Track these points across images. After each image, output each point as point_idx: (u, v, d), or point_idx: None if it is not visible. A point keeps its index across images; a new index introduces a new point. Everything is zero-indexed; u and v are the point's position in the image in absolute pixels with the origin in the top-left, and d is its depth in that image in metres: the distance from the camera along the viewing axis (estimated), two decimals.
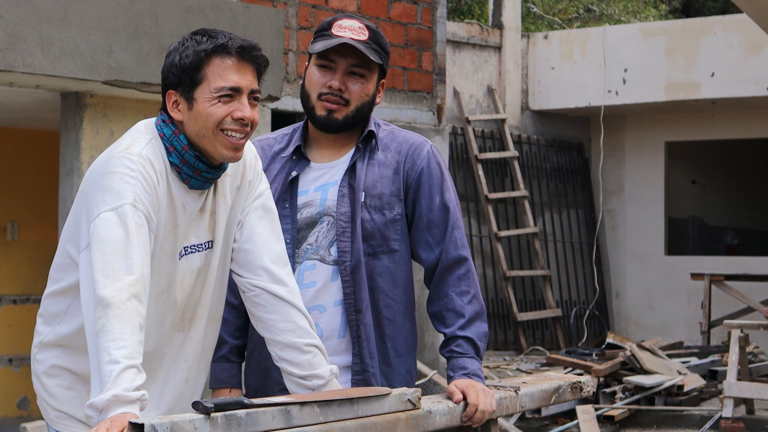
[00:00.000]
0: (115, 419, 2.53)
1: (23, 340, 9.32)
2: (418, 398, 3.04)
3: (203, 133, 2.90)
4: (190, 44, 2.92)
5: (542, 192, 14.02)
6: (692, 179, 15.85)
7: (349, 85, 3.36)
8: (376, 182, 3.38)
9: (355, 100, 3.36)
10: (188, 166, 2.93)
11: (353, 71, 3.36)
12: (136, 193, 2.79)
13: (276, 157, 3.45)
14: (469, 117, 13.11)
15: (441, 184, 3.42)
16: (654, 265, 14.27)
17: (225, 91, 2.89)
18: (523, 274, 13.34)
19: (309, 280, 3.35)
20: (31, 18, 6.78)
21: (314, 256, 3.36)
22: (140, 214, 2.79)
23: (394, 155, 3.42)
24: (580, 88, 13.80)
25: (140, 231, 2.77)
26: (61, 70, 6.91)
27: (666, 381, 9.19)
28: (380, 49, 3.39)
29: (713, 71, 13.11)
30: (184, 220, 2.95)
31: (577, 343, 13.27)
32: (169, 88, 2.93)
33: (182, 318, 3.01)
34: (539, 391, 3.52)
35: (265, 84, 7.98)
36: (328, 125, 3.37)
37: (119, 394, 2.58)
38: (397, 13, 9.51)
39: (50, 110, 8.04)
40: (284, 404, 2.66)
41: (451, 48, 12.98)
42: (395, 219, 3.38)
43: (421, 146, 3.44)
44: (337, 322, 3.35)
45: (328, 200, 3.37)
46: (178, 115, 2.92)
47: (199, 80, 2.90)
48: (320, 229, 3.36)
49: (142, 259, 2.74)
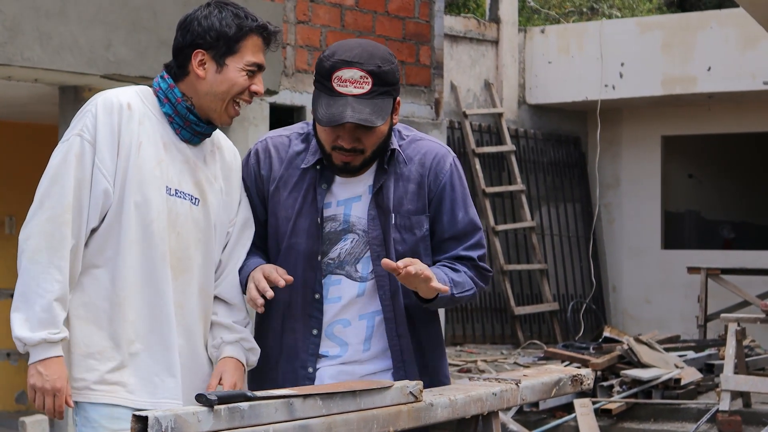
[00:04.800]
0: (51, 380, 3.06)
1: None
2: (419, 391, 3.05)
3: (222, 96, 3.23)
4: (227, 15, 3.24)
5: (539, 186, 14.03)
6: (689, 173, 15.85)
7: (361, 137, 3.23)
8: (402, 199, 3.31)
9: (370, 147, 3.25)
10: (180, 117, 3.24)
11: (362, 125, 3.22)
12: (86, 125, 3.17)
13: (293, 161, 3.36)
14: (466, 111, 13.11)
15: (464, 200, 3.38)
16: (651, 259, 14.29)
17: (254, 66, 3.25)
18: (520, 268, 13.35)
19: (334, 294, 3.32)
20: (29, 12, 6.78)
21: (339, 271, 3.31)
22: (85, 142, 3.15)
23: (417, 168, 3.34)
24: (577, 82, 13.80)
25: (82, 158, 3.13)
26: (60, 64, 6.91)
27: (663, 374, 9.21)
28: (388, 87, 3.24)
29: (710, 65, 13.11)
30: (167, 158, 3.21)
31: (574, 336, 13.28)
32: (199, 48, 3.24)
33: (174, 260, 3.21)
34: (540, 383, 3.52)
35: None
36: (346, 171, 3.30)
37: (47, 337, 3.06)
38: (395, 7, 9.51)
39: (48, 104, 8.04)
40: (287, 397, 2.67)
41: (448, 42, 12.97)
42: (425, 236, 3.35)
43: (444, 159, 3.36)
44: (362, 336, 3.33)
45: (352, 216, 3.31)
46: (201, 72, 3.23)
47: (235, 50, 3.23)
48: (343, 246, 3.31)
49: (74, 185, 3.12)
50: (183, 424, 2.45)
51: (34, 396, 3.12)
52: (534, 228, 13.50)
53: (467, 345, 12.67)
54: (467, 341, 12.85)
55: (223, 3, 3.29)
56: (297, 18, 9.08)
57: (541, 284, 13.48)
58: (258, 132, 8.43)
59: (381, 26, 9.34)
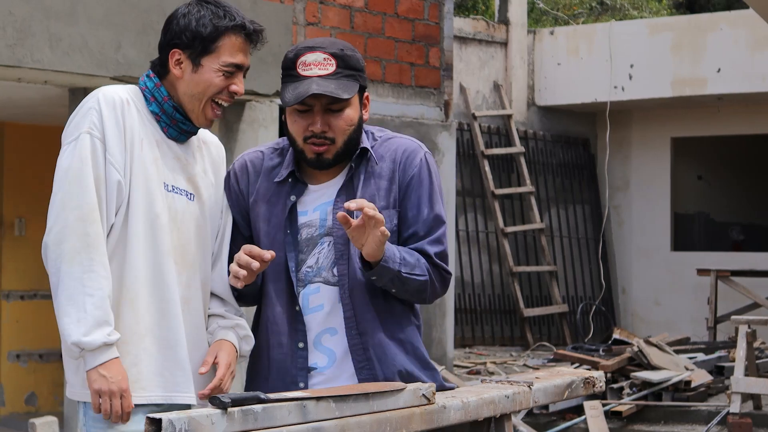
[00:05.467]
0: (113, 381, 3.02)
1: (31, 335, 9.34)
2: (432, 393, 3.05)
3: (197, 96, 3.22)
4: (206, 14, 3.20)
5: (548, 188, 14.02)
6: (698, 175, 15.83)
7: (331, 121, 3.23)
8: (373, 197, 3.27)
9: (340, 134, 3.24)
10: (166, 116, 3.23)
11: (330, 108, 3.23)
12: (92, 121, 3.13)
13: (268, 175, 3.36)
14: (476, 113, 13.10)
15: (430, 195, 3.31)
16: (660, 261, 14.27)
17: (231, 67, 3.22)
18: (530, 270, 13.34)
19: (315, 303, 3.28)
20: (39, 14, 6.79)
21: (317, 279, 3.27)
22: (95, 139, 3.12)
23: (389, 164, 3.31)
24: (586, 83, 13.79)
25: (95, 155, 3.11)
26: (69, 66, 6.91)
27: (673, 377, 9.19)
28: (352, 71, 3.25)
29: (719, 67, 13.10)
30: (160, 156, 3.22)
31: (583, 338, 13.26)
32: (176, 48, 3.21)
33: (176, 254, 3.21)
34: (552, 386, 3.51)
35: (273, 80, 7.99)
36: (320, 166, 3.28)
37: (106, 340, 3.04)
38: (404, 8, 9.51)
39: (58, 106, 8.05)
40: (300, 399, 2.67)
41: (458, 44, 12.97)
42: (393, 230, 3.27)
43: (415, 152, 3.33)
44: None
45: (328, 220, 3.28)
46: (178, 72, 3.21)
47: (211, 50, 3.20)
48: (320, 250, 3.28)
49: (95, 182, 3.10)
50: (197, 427, 2.44)
51: (98, 401, 3.06)
52: (543, 230, 13.49)
53: (476, 347, 12.67)
54: (476, 343, 12.85)
55: (206, 1, 3.25)
56: (306, 20, 9.08)
57: (550, 286, 13.47)
58: (267, 133, 8.43)
59: (390, 28, 9.34)
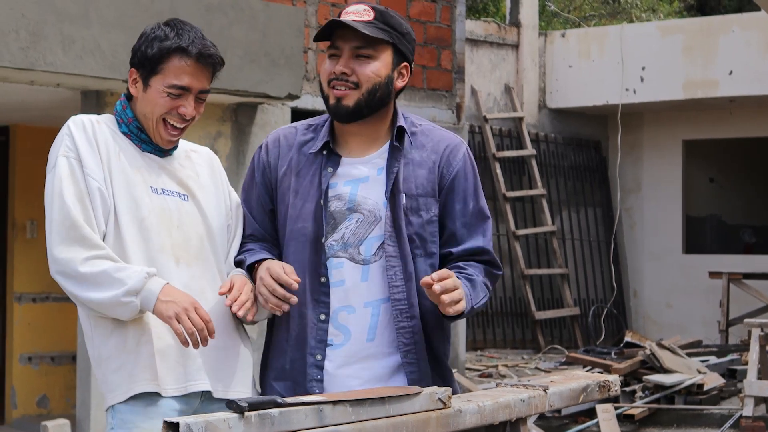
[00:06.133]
0: (180, 300, 3.07)
1: (43, 338, 9.35)
2: (448, 397, 3.03)
3: (148, 116, 3.26)
4: (158, 35, 3.25)
5: (560, 190, 14.01)
6: (710, 177, 15.80)
7: (356, 67, 3.25)
8: (411, 182, 3.29)
9: (364, 81, 3.24)
10: (134, 135, 3.29)
11: (359, 54, 3.26)
12: (66, 145, 3.21)
13: (301, 149, 3.36)
14: (487, 115, 13.09)
15: (475, 189, 3.36)
16: (672, 264, 14.25)
17: (175, 89, 3.24)
18: (541, 273, 13.32)
19: (337, 278, 3.27)
20: (52, 17, 6.79)
21: (342, 253, 3.27)
22: (71, 159, 3.19)
23: (429, 154, 3.32)
24: (598, 86, 13.77)
25: (73, 174, 3.18)
26: (82, 69, 6.92)
27: (686, 380, 9.18)
28: (388, 28, 3.27)
29: (731, 69, 13.07)
30: (144, 166, 3.28)
31: (595, 341, 13.25)
32: (132, 66, 3.30)
33: (175, 251, 3.25)
34: (568, 390, 3.50)
35: (285, 82, 8.00)
36: (338, 113, 3.27)
37: (149, 270, 3.10)
38: (416, 11, 9.50)
39: (70, 109, 8.04)
40: (317, 403, 2.66)
41: (469, 46, 12.96)
42: (432, 220, 3.30)
43: (459, 146, 3.36)
44: (366, 325, 3.27)
45: (358, 196, 3.28)
46: (134, 91, 3.29)
47: (156, 71, 3.24)
48: (348, 225, 3.28)
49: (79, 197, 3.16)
50: (214, 431, 2.44)
51: (180, 327, 3.08)
52: (555, 232, 13.48)
53: (488, 350, 12.66)
54: (488, 346, 12.83)
55: (170, 21, 3.31)
56: (318, 22, 9.08)
57: (561, 289, 13.45)
58: None
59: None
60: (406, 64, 3.34)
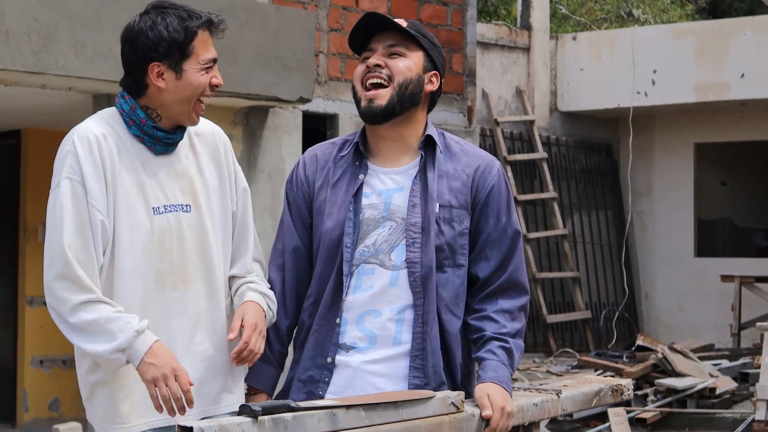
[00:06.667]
0: (162, 365, 2.98)
1: (54, 341, 9.35)
2: (461, 401, 3.04)
3: (188, 99, 3.20)
4: (172, 20, 3.18)
5: (571, 193, 13.99)
6: (722, 180, 15.76)
7: (389, 62, 3.35)
8: (445, 193, 3.36)
9: (396, 74, 3.33)
10: (148, 136, 3.21)
11: (392, 51, 3.35)
12: (71, 166, 3.13)
13: (336, 163, 3.43)
14: (498, 118, 13.08)
15: (508, 205, 3.42)
16: (683, 267, 14.21)
17: (209, 62, 3.23)
18: (552, 276, 13.31)
19: (367, 284, 3.32)
20: (64, 20, 6.80)
21: (373, 259, 3.32)
22: (75, 183, 3.13)
23: (463, 168, 3.40)
24: (609, 89, 13.75)
25: (76, 200, 3.11)
26: (94, 72, 6.92)
27: (698, 383, 9.15)
28: (421, 35, 3.38)
29: (743, 72, 13.04)
30: (148, 179, 3.20)
31: (606, 345, 13.22)
32: (154, 61, 3.18)
33: (173, 276, 3.21)
34: (581, 394, 3.50)
35: (296, 86, 7.99)
36: (370, 113, 3.33)
37: (137, 327, 3.01)
38: (427, 14, 9.50)
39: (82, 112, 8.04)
40: (330, 407, 2.66)
41: (480, 49, 12.95)
42: (463, 232, 3.36)
43: (492, 164, 3.44)
44: (392, 329, 3.31)
45: (393, 205, 3.34)
46: (162, 84, 3.18)
47: (189, 53, 3.18)
48: (380, 232, 3.33)
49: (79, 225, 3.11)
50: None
51: (156, 392, 3.01)
52: (566, 236, 13.46)
53: None
54: None
55: (161, 7, 3.24)
56: (329, 26, 9.08)
57: (573, 292, 13.43)
58: (291, 139, 8.43)
59: None
60: (436, 73, 3.43)
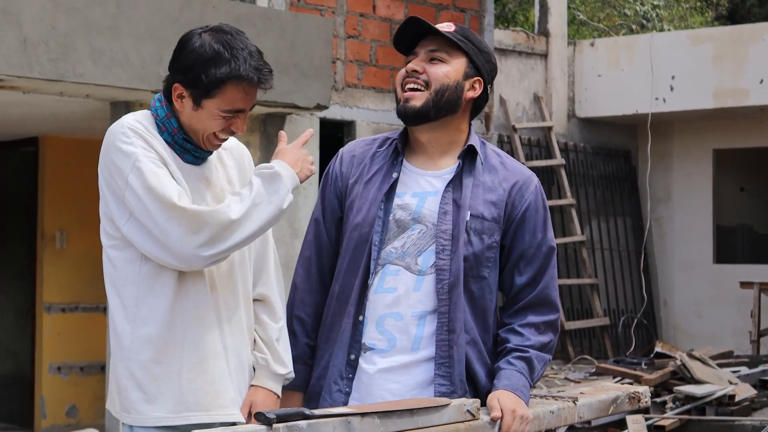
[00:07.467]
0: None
1: (72, 348, 9.38)
2: (477, 409, 3.03)
3: (198, 132, 3.18)
4: (212, 56, 3.11)
5: (589, 200, 13.96)
6: (741, 187, 15.71)
7: (427, 67, 3.35)
8: (479, 204, 3.34)
9: (433, 81, 3.33)
10: (179, 145, 3.19)
11: (433, 57, 3.36)
12: (141, 146, 3.10)
13: (372, 158, 3.44)
14: (516, 125, 13.06)
15: (544, 222, 3.43)
16: (702, 274, 14.16)
17: (230, 113, 3.17)
18: (571, 283, 13.27)
19: (390, 285, 3.31)
20: (82, 28, 6.82)
21: (399, 261, 3.32)
22: (153, 157, 3.10)
23: (501, 182, 3.38)
24: (627, 95, 13.71)
25: (162, 170, 3.09)
26: (111, 80, 6.95)
27: (717, 391, 9.11)
28: (466, 40, 3.37)
29: (762, 78, 12.99)
30: (183, 179, 3.18)
31: (625, 352, 13.18)
32: (179, 82, 3.16)
33: (211, 279, 3.20)
34: (597, 401, 3.49)
35: (313, 93, 8.00)
36: (405, 113, 3.34)
37: (274, 168, 3.20)
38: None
39: (99, 119, 8.08)
40: (345, 415, 2.65)
41: (497, 55, 12.93)
42: (492, 246, 3.35)
43: (530, 180, 3.43)
44: (413, 334, 3.30)
45: (425, 209, 3.33)
46: (179, 105, 3.17)
47: (211, 95, 3.13)
48: (409, 235, 3.32)
49: (170, 179, 3.10)
50: None
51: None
52: (584, 242, 13.43)
53: None
54: None
55: (221, 32, 3.19)
56: (347, 33, 9.08)
57: (591, 299, 13.40)
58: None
59: None
60: (479, 79, 3.41)
